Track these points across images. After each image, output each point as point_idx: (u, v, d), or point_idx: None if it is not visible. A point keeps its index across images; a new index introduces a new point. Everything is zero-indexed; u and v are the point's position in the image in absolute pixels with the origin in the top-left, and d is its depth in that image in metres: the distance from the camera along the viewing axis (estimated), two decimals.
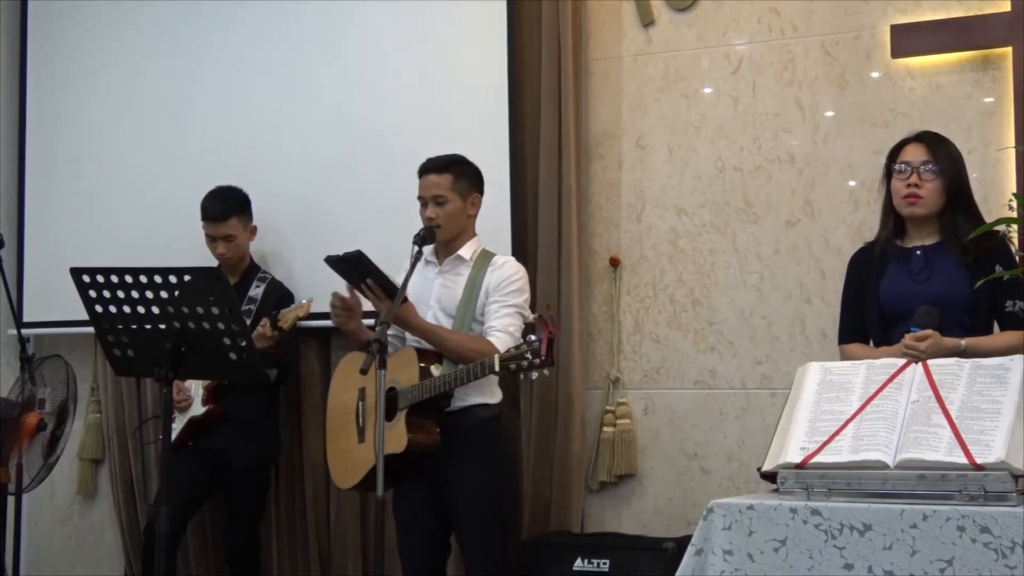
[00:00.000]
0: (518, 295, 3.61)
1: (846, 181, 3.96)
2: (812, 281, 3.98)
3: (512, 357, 3.29)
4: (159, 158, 4.76)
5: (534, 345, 3.25)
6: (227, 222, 4.25)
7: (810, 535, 2.33)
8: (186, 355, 3.11)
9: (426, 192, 3.63)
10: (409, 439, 3.43)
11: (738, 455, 4.04)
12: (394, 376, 3.50)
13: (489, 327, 3.55)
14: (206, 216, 4.27)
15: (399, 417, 3.47)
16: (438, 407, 3.50)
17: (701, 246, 4.14)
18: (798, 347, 3.98)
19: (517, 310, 3.60)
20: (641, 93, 4.25)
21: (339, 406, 3.75)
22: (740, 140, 4.10)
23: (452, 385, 3.42)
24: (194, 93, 4.73)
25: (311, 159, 4.54)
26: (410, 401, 3.46)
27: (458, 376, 3.40)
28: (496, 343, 3.49)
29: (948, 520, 2.24)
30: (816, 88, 4.01)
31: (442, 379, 3.42)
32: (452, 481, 3.55)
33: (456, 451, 3.52)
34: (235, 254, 4.28)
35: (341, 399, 3.75)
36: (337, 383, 3.83)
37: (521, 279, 3.65)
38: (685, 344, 4.15)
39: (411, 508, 3.62)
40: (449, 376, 3.42)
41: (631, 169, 4.26)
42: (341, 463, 3.71)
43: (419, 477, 3.56)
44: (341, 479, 3.72)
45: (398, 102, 4.41)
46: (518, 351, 3.28)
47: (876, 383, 2.54)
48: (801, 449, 2.47)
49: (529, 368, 3.26)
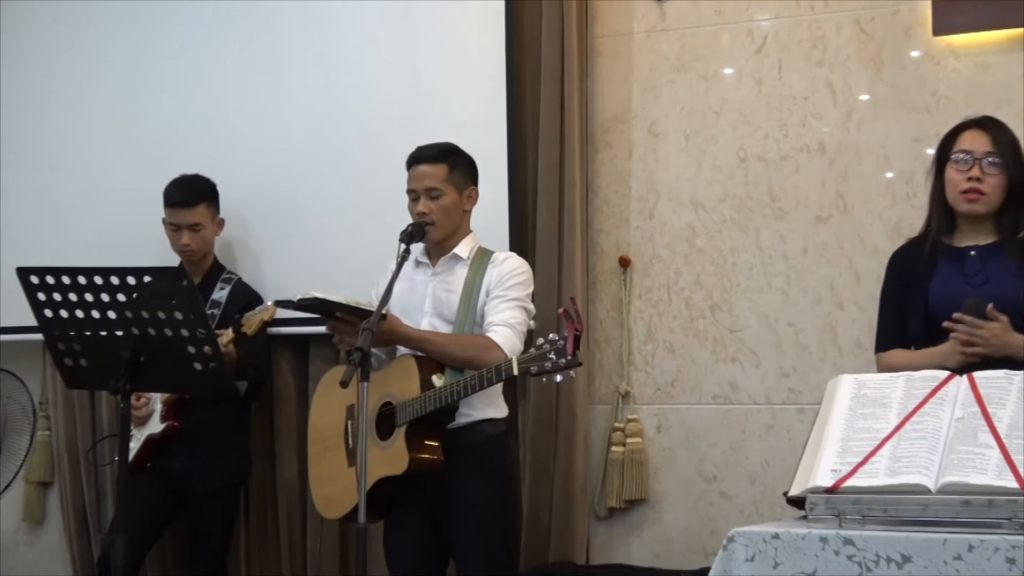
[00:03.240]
0: (521, 288, 3.58)
1: (882, 172, 3.97)
2: (844, 284, 3.99)
3: (532, 358, 3.19)
4: (117, 149, 4.76)
5: (558, 344, 3.16)
6: (194, 208, 4.26)
7: (842, 567, 2.32)
8: (146, 365, 3.11)
9: (418, 184, 3.62)
10: (411, 458, 3.37)
11: (762, 478, 4.04)
12: (388, 389, 3.47)
13: (490, 323, 3.51)
14: (171, 202, 4.27)
15: (397, 435, 3.42)
16: (439, 423, 3.45)
17: (721, 245, 4.15)
18: (829, 357, 3.98)
19: (520, 304, 3.56)
20: (654, 74, 4.25)
21: (324, 428, 3.71)
22: (764, 127, 4.11)
23: (461, 394, 3.34)
24: (156, 76, 4.73)
25: (285, 146, 4.54)
26: (410, 416, 3.39)
27: (468, 384, 3.31)
28: (498, 339, 3.45)
29: (996, 551, 2.23)
30: (849, 69, 4.01)
31: (448, 389, 3.35)
32: (455, 507, 3.50)
33: (460, 473, 3.46)
34: (200, 247, 4.29)
35: (326, 420, 3.71)
36: (320, 402, 3.80)
37: (525, 273, 3.63)
38: (703, 354, 4.15)
39: (405, 538, 3.58)
40: (457, 385, 3.34)
41: (642, 159, 4.26)
42: (328, 491, 3.67)
43: (415, 504, 3.53)
44: (328, 509, 3.68)
45: (384, 83, 4.42)
46: (539, 350, 3.18)
47: (916, 398, 2.53)
48: (832, 471, 2.47)
49: (553, 370, 3.17)
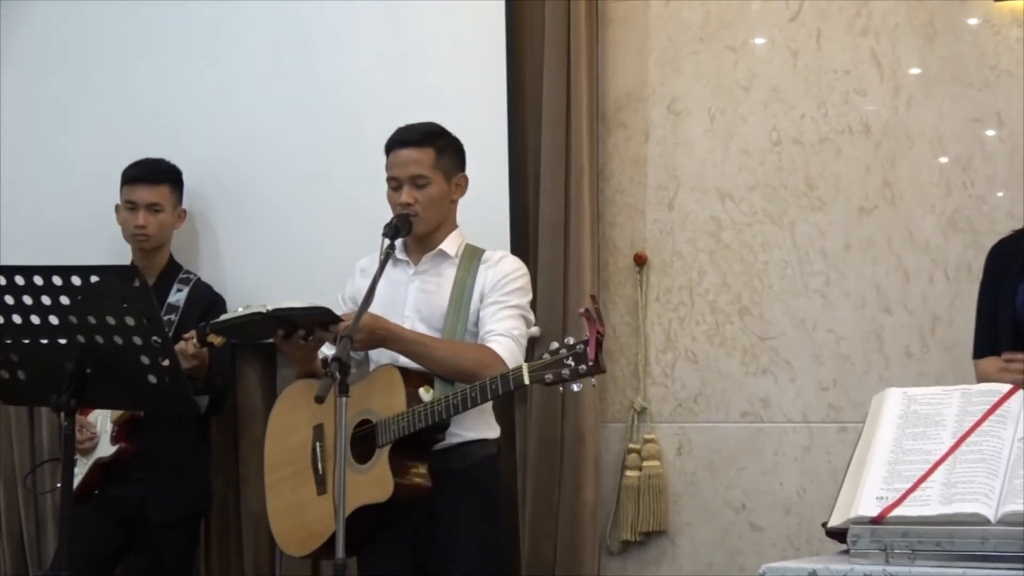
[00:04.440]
0: (521, 295, 3.59)
1: (935, 157, 3.97)
2: (892, 284, 3.99)
3: (547, 365, 3.17)
4: (59, 134, 4.77)
5: (577, 348, 3.14)
6: (156, 187, 4.30)
7: None
8: (93, 377, 3.11)
9: (401, 171, 3.61)
10: (397, 483, 3.36)
11: (797, 507, 4.04)
12: (366, 405, 3.46)
13: (488, 331, 3.51)
14: (130, 178, 4.31)
15: (379, 456, 3.41)
16: (427, 444, 3.44)
17: (750, 240, 4.15)
18: (874, 369, 3.99)
19: (520, 312, 3.57)
20: (674, 44, 4.26)
21: (285, 451, 3.69)
22: (800, 105, 4.11)
23: (458, 409, 3.32)
24: (100, 50, 4.74)
25: (248, 126, 4.55)
26: (395, 435, 3.38)
27: (468, 396, 3.29)
28: (500, 351, 3.45)
29: None
30: (898, 39, 4.02)
31: (443, 403, 3.33)
32: (442, 538, 3.51)
33: (448, 500, 3.47)
34: (156, 233, 4.30)
35: (288, 442, 3.69)
36: (279, 423, 3.77)
37: (523, 277, 3.64)
38: (730, 365, 4.15)
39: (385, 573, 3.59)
40: (454, 398, 3.32)
41: (661, 141, 4.26)
42: (292, 524, 3.65)
43: (395, 537, 3.53)
44: (293, 545, 3.65)
45: (363, 50, 4.43)
46: (555, 356, 3.17)
47: (974, 415, 2.54)
48: (878, 499, 2.47)
49: (572, 377, 3.15)
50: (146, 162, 4.35)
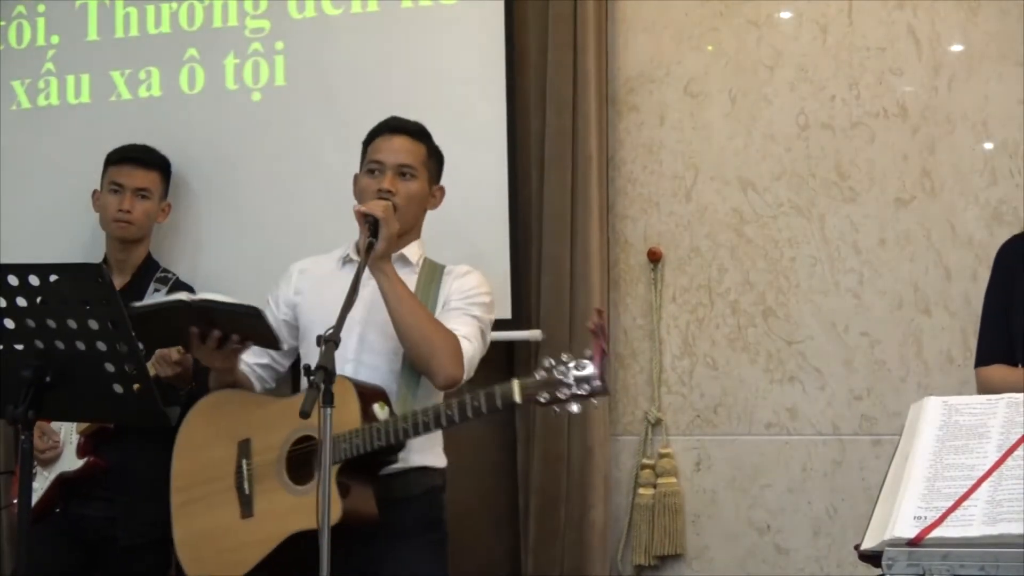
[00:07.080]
0: (485, 310, 3.57)
1: (980, 143, 3.98)
2: (931, 283, 4.00)
3: (542, 384, 3.12)
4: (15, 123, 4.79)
5: (577, 366, 3.09)
6: (148, 172, 4.34)
7: None
8: (53, 387, 3.10)
9: (390, 157, 3.61)
10: (345, 509, 3.26)
11: (828, 527, 4.05)
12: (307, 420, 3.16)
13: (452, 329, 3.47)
14: (120, 158, 4.34)
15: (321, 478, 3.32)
16: (376, 465, 3.37)
17: (776, 234, 4.16)
18: (912, 376, 3.99)
19: (480, 325, 3.54)
20: (691, 19, 4.26)
21: (198, 469, 3.62)
22: (831, 86, 4.12)
23: (428, 428, 3.26)
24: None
25: (226, 110, 4.56)
26: (347, 453, 3.30)
27: (443, 414, 3.23)
28: (465, 348, 3.43)
29: None
30: (937, 12, 4.02)
31: (411, 419, 3.27)
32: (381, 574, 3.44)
33: (391, 535, 3.41)
34: (140, 222, 4.32)
35: (201, 459, 3.62)
36: (190, 436, 3.68)
37: (490, 295, 3.61)
38: (753, 372, 4.16)
39: None
40: (425, 415, 3.26)
41: (677, 126, 4.27)
42: (209, 551, 3.54)
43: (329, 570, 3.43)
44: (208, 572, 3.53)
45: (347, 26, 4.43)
46: (551, 374, 3.10)
47: (1021, 426, 2.54)
48: (916, 519, 2.47)
49: (570, 400, 3.09)
50: (137, 145, 4.40)
